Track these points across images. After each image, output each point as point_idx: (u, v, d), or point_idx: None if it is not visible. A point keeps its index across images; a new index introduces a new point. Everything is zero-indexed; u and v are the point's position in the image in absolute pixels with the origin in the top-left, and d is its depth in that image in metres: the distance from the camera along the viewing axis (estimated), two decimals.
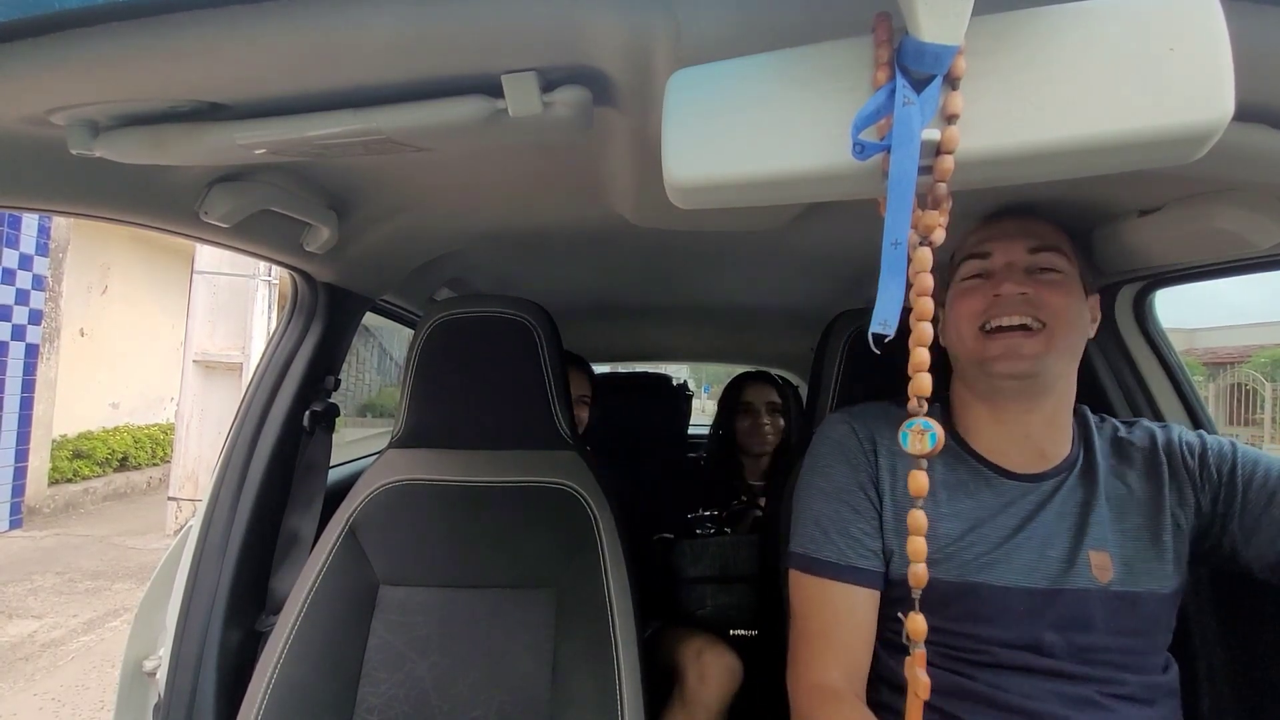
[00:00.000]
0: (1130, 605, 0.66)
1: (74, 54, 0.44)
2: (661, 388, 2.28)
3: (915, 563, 0.40)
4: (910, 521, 0.40)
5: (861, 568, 0.71)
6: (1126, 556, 0.67)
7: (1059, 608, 0.66)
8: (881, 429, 0.75)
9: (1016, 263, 0.70)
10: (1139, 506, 0.70)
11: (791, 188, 0.38)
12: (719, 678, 1.21)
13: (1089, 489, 0.71)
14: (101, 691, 2.50)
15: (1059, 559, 0.67)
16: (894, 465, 0.73)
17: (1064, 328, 0.68)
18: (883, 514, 0.72)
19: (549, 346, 1.00)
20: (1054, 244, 0.71)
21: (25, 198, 0.66)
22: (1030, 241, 0.71)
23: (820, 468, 0.76)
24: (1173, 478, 0.70)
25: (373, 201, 0.92)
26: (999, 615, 0.66)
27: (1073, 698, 0.64)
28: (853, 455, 0.75)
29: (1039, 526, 0.69)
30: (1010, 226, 0.73)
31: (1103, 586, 0.66)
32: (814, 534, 0.73)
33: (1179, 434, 0.74)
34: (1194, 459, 0.71)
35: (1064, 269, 0.70)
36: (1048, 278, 0.69)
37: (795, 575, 0.73)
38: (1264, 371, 9.14)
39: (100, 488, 5.59)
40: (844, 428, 0.77)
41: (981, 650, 0.66)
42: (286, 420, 1.04)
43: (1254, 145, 0.53)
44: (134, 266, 6.35)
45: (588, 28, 0.45)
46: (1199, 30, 0.33)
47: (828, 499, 0.73)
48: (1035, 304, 0.67)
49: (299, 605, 0.86)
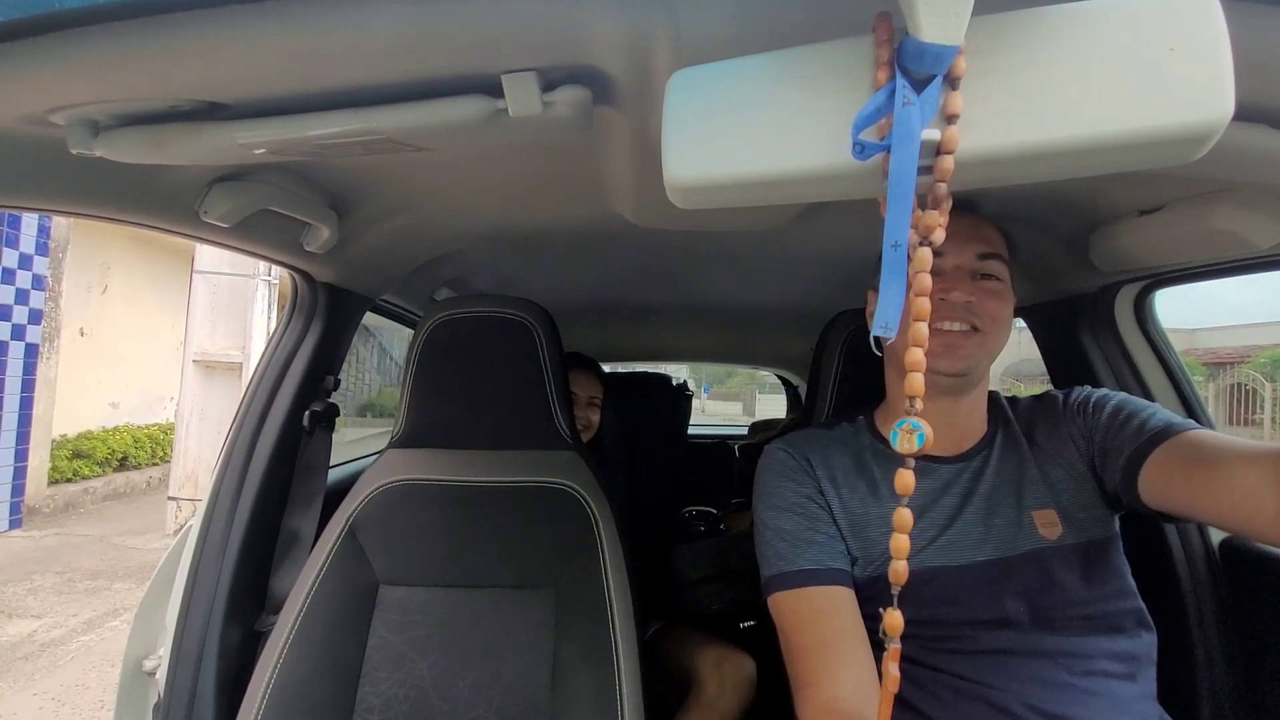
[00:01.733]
0: (1083, 556, 0.69)
1: (74, 53, 0.44)
2: (661, 388, 2.28)
3: (897, 559, 0.40)
4: (895, 519, 0.40)
5: (839, 567, 0.71)
6: (1065, 507, 0.71)
7: (1017, 574, 0.68)
8: (812, 450, 0.79)
9: (964, 266, 0.73)
10: (1057, 459, 0.74)
11: (791, 188, 0.38)
12: (740, 687, 1.21)
13: (1015, 454, 0.75)
14: (101, 691, 2.50)
15: (1005, 525, 0.70)
16: (833, 477, 0.76)
17: (998, 334, 0.72)
18: (836, 519, 0.74)
19: (549, 346, 1.00)
20: (998, 251, 0.74)
21: (25, 197, 0.66)
22: (980, 247, 0.73)
23: (769, 491, 0.78)
24: (1069, 425, 0.75)
25: (373, 201, 0.92)
26: (962, 595, 0.68)
27: (1052, 683, 0.64)
28: (794, 473, 0.77)
29: (979, 499, 0.72)
30: (964, 225, 0.74)
31: (1053, 544, 0.68)
32: (783, 550, 0.73)
33: (1077, 391, 0.79)
34: (1079, 406, 0.76)
35: (1004, 277, 0.74)
36: (991, 285, 0.73)
37: (776, 598, 0.72)
38: (1264, 371, 9.14)
39: (100, 487, 5.59)
40: (780, 454, 0.80)
41: (954, 636, 0.67)
42: (286, 420, 1.04)
43: (1254, 145, 0.53)
44: (134, 266, 6.35)
45: (588, 28, 0.45)
46: (1199, 30, 0.33)
47: (785, 514, 0.75)
48: (977, 311, 0.71)
49: (299, 605, 0.86)
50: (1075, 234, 0.93)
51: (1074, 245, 0.94)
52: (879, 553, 0.72)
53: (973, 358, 0.71)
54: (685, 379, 2.39)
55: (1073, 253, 0.96)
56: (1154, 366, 1.05)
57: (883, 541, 0.71)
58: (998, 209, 0.91)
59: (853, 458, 0.78)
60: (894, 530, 0.40)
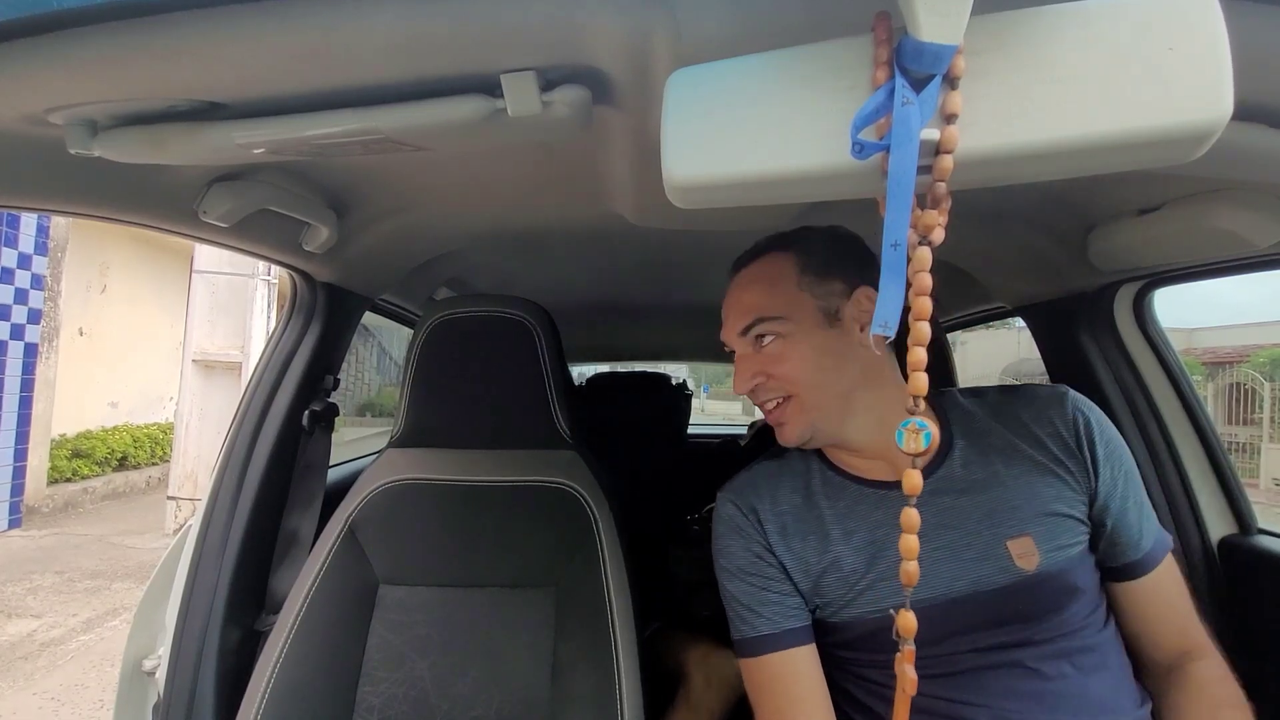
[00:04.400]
0: (1061, 585, 0.64)
1: (73, 53, 0.44)
2: (661, 387, 2.28)
3: (907, 560, 0.40)
4: (903, 520, 0.40)
5: (794, 627, 0.70)
6: (1041, 533, 0.65)
7: (996, 608, 0.64)
8: (760, 498, 0.75)
9: (739, 347, 0.73)
10: (1040, 474, 0.67)
11: (791, 187, 0.38)
12: (725, 682, 1.21)
13: (983, 466, 0.68)
14: (101, 690, 2.50)
15: (978, 558, 0.65)
16: (783, 526, 0.73)
17: (809, 386, 0.69)
18: (790, 573, 0.71)
19: (549, 346, 1.00)
20: (761, 311, 0.70)
21: (24, 197, 0.66)
22: (739, 322, 0.72)
23: (721, 550, 0.76)
24: (1061, 449, 0.69)
25: (372, 201, 0.92)
26: (934, 633, 0.63)
27: (1029, 693, 0.62)
28: (742, 528, 0.74)
29: (946, 529, 0.66)
30: (729, 305, 0.74)
31: (1031, 575, 0.63)
32: (743, 614, 0.72)
33: (1071, 407, 0.71)
34: (1083, 439, 0.69)
35: (782, 329, 0.69)
36: (769, 349, 0.70)
37: (743, 664, 0.72)
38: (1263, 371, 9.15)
39: (99, 487, 5.58)
40: (729, 507, 0.77)
41: (925, 665, 0.64)
42: (286, 420, 1.04)
43: (1254, 145, 0.53)
44: (133, 266, 6.35)
45: (587, 27, 0.45)
46: (1199, 30, 0.33)
47: (736, 578, 0.73)
48: (770, 385, 0.70)
49: (298, 605, 0.86)
50: (1074, 233, 0.93)
51: (1073, 244, 0.94)
52: (838, 597, 0.69)
53: (799, 423, 0.70)
54: (685, 379, 2.39)
55: (1071, 252, 0.96)
56: (1153, 366, 1.05)
57: (839, 588, 0.69)
58: (997, 208, 0.91)
59: (803, 495, 0.74)
60: (903, 532, 0.40)
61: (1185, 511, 0.99)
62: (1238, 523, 0.99)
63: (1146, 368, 1.05)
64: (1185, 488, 0.99)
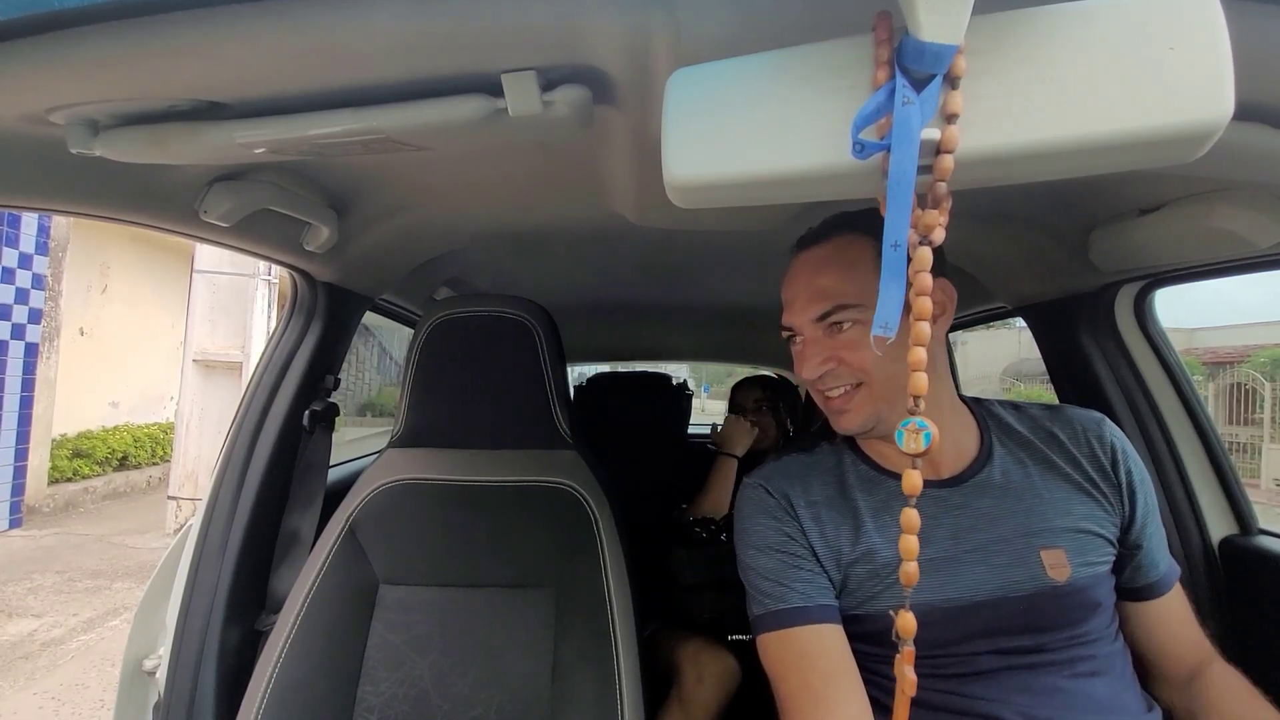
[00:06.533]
0: (1088, 600, 0.66)
1: (73, 53, 0.44)
2: (662, 387, 2.28)
3: (907, 560, 0.40)
4: (903, 520, 0.40)
5: (826, 604, 0.68)
6: (1074, 548, 0.66)
7: (1023, 614, 0.64)
8: (791, 485, 0.74)
9: (809, 331, 0.70)
10: (1077, 493, 0.69)
11: (791, 187, 0.38)
12: (716, 678, 1.21)
13: (1022, 476, 0.70)
14: (101, 690, 2.50)
15: (1009, 564, 0.65)
16: (817, 515, 0.72)
17: (880, 376, 0.68)
18: (820, 560, 0.70)
19: (549, 346, 1.00)
20: (841, 298, 0.68)
21: (25, 197, 0.66)
22: (815, 309, 0.69)
23: (749, 529, 0.74)
24: (1098, 471, 0.71)
25: (372, 201, 0.92)
26: (959, 635, 0.64)
27: (1039, 689, 0.63)
28: (774, 510, 0.73)
29: (979, 532, 0.67)
30: (798, 287, 0.72)
31: (1061, 586, 0.64)
32: (770, 588, 0.70)
33: (1108, 436, 0.73)
34: (1118, 466, 0.71)
35: (862, 316, 0.68)
36: (846, 335, 0.68)
37: (765, 639, 0.69)
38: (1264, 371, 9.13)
39: (100, 487, 5.59)
40: (758, 491, 0.76)
41: (946, 664, 0.65)
42: (286, 420, 1.04)
43: (1254, 145, 0.53)
44: (134, 265, 6.35)
45: (588, 27, 0.45)
46: (1199, 30, 0.33)
47: (768, 553, 0.71)
48: (840, 372, 0.69)
49: (299, 604, 0.86)
50: (1075, 233, 0.93)
51: (1073, 244, 0.94)
52: (866, 589, 0.68)
53: (864, 412, 0.69)
54: (685, 378, 2.39)
55: (1072, 252, 0.95)
56: (1154, 366, 1.05)
57: (868, 579, 0.68)
58: (997, 208, 0.91)
59: (836, 488, 0.73)
60: (902, 532, 0.40)
61: (1186, 511, 0.99)
62: (1238, 523, 0.99)
63: (1147, 368, 1.05)
64: (1186, 488, 0.99)
